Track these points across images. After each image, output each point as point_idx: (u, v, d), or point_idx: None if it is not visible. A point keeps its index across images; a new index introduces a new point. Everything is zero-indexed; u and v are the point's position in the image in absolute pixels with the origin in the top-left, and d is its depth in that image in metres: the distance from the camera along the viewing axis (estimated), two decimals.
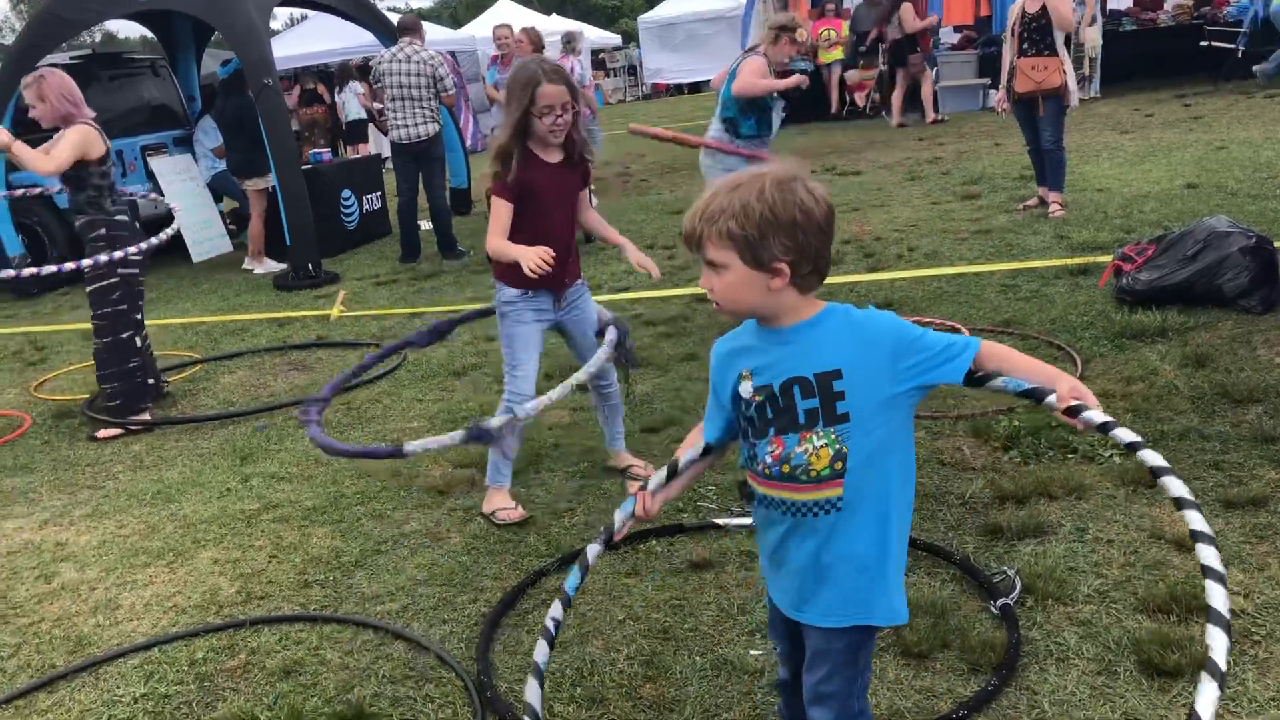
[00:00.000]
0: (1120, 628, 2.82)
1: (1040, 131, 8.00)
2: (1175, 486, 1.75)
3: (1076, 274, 6.28)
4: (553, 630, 2.13)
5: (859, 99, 17.60)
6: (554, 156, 3.82)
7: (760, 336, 1.99)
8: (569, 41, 12.93)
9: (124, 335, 5.69)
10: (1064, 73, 7.78)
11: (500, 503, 4.01)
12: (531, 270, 3.47)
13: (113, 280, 5.61)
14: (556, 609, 2.14)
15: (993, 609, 2.92)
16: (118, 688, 3.16)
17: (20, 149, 5.23)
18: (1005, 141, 12.09)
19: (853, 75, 17.50)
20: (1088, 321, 5.39)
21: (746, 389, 1.98)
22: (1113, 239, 6.87)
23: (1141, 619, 2.86)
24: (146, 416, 5.71)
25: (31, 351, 7.93)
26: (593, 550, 2.17)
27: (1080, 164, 9.80)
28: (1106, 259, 6.05)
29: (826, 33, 17.03)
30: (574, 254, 3.98)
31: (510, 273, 3.77)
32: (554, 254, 3.53)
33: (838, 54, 17.12)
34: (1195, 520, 1.71)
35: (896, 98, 15.54)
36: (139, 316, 5.78)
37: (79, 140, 5.37)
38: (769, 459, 1.97)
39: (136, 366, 5.72)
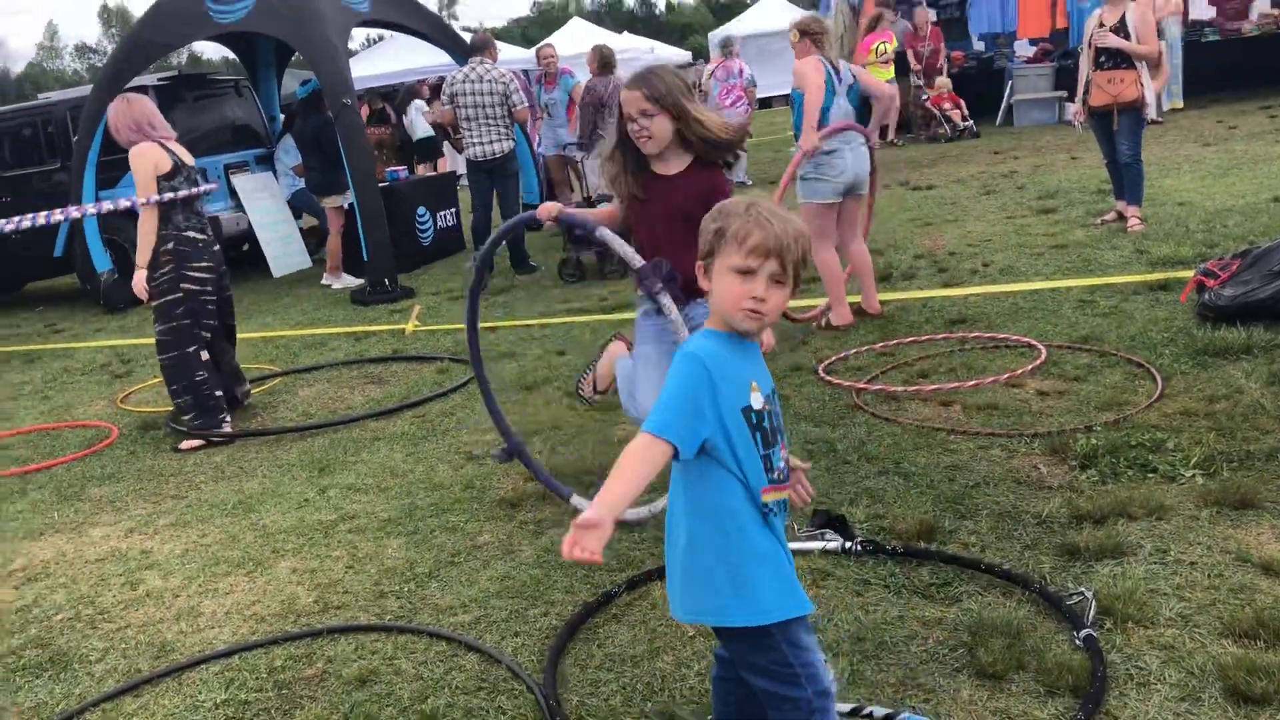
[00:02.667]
0: (1204, 653, 2.76)
1: (1117, 145, 7.86)
2: None
3: (1156, 289, 6.15)
4: None
5: (955, 115, 15.98)
6: (668, 168, 3.66)
7: (739, 349, 2.13)
8: (726, 45, 13.38)
9: (189, 350, 5.81)
10: (1140, 85, 7.64)
11: None
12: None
13: (176, 295, 5.77)
14: None
15: (1076, 640, 2.85)
16: (199, 693, 3.24)
17: (141, 238, 5.67)
18: (1082, 155, 11.89)
19: (944, 83, 16.19)
20: (1168, 338, 5.27)
21: (758, 399, 2.10)
22: (1194, 254, 6.71)
23: (1227, 644, 2.78)
24: (227, 429, 5.85)
25: (118, 364, 8.17)
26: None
27: (1160, 177, 9.61)
28: (1188, 274, 5.92)
29: (880, 46, 15.02)
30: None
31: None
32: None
33: (890, 73, 14.93)
34: None
35: None
36: (206, 332, 5.89)
37: (140, 164, 5.62)
38: (783, 464, 2.15)
39: (204, 380, 5.83)
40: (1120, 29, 7.65)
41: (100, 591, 4.06)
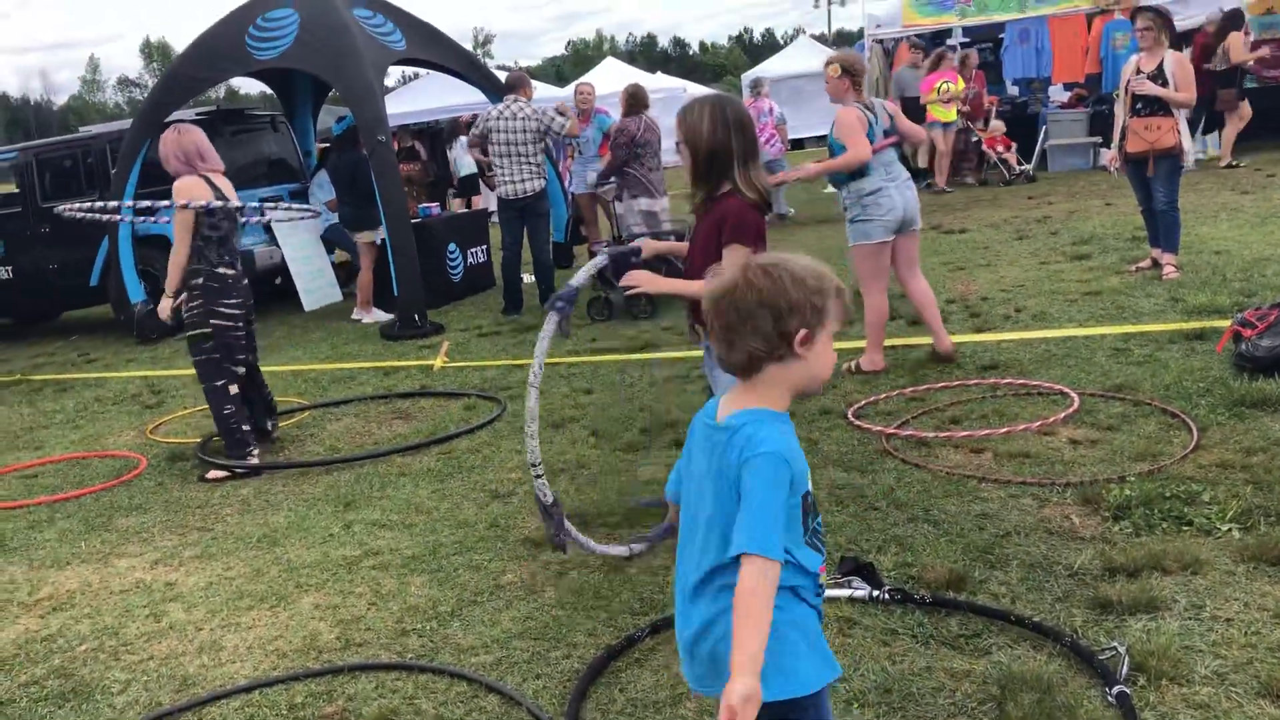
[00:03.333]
0: (1241, 713, 2.69)
1: (1153, 192, 7.81)
2: None
3: (1192, 339, 6.07)
4: None
5: (1011, 158, 15.37)
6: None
7: (792, 430, 2.05)
8: (755, 86, 13.64)
9: (218, 383, 5.89)
10: (1178, 133, 7.60)
11: None
12: None
13: (205, 330, 5.83)
14: None
15: (1108, 697, 2.79)
16: None
17: (175, 262, 5.77)
18: (1117, 201, 11.82)
19: (998, 126, 15.69)
20: (1204, 388, 5.20)
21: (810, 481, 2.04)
22: (1231, 303, 6.64)
23: (1264, 705, 2.71)
24: (254, 460, 5.87)
25: (149, 395, 8.24)
26: None
27: (1197, 225, 9.53)
28: (1224, 323, 5.85)
29: (944, 86, 14.61)
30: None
31: None
32: None
33: (952, 114, 14.73)
34: None
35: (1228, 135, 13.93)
36: (236, 367, 5.94)
37: (184, 197, 5.69)
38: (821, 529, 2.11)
39: (231, 414, 5.89)
40: (1158, 76, 7.61)
41: (124, 623, 4.06)
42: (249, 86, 55.41)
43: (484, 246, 11.94)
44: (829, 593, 3.51)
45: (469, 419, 6.42)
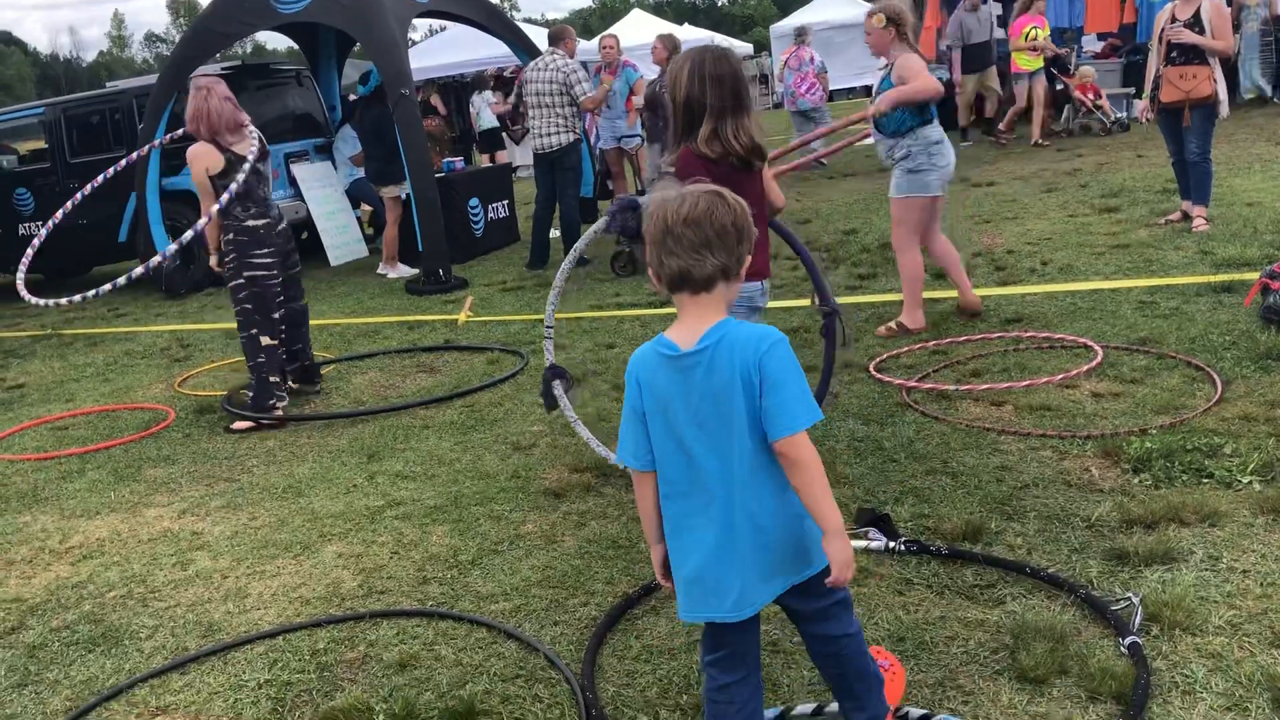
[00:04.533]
0: (1254, 662, 2.69)
1: (1186, 143, 7.68)
2: None
3: (1220, 291, 6.01)
4: None
5: (1105, 105, 14.21)
6: None
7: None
8: (800, 34, 13.51)
9: (252, 333, 5.99)
10: (1214, 81, 7.45)
11: None
12: None
13: (239, 282, 5.95)
14: None
15: (1121, 647, 2.80)
16: (244, 673, 3.29)
17: (207, 232, 5.95)
18: (1148, 153, 11.65)
19: (1088, 72, 14.52)
20: (1230, 341, 5.15)
21: None
22: (1261, 255, 6.55)
23: (1277, 655, 2.71)
24: (279, 413, 5.94)
25: (177, 349, 8.33)
26: None
27: (1229, 177, 9.38)
28: (1253, 276, 5.77)
29: (1031, 31, 13.44)
30: None
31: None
32: None
33: (1039, 62, 13.66)
34: None
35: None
36: (268, 317, 6.01)
37: (194, 169, 5.84)
38: None
39: (262, 364, 5.99)
40: (1194, 23, 7.45)
41: (152, 571, 4.14)
42: (275, 41, 55.31)
43: (506, 201, 11.93)
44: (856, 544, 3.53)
45: (492, 373, 6.45)
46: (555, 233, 10.30)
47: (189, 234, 5.74)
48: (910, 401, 4.93)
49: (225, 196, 5.70)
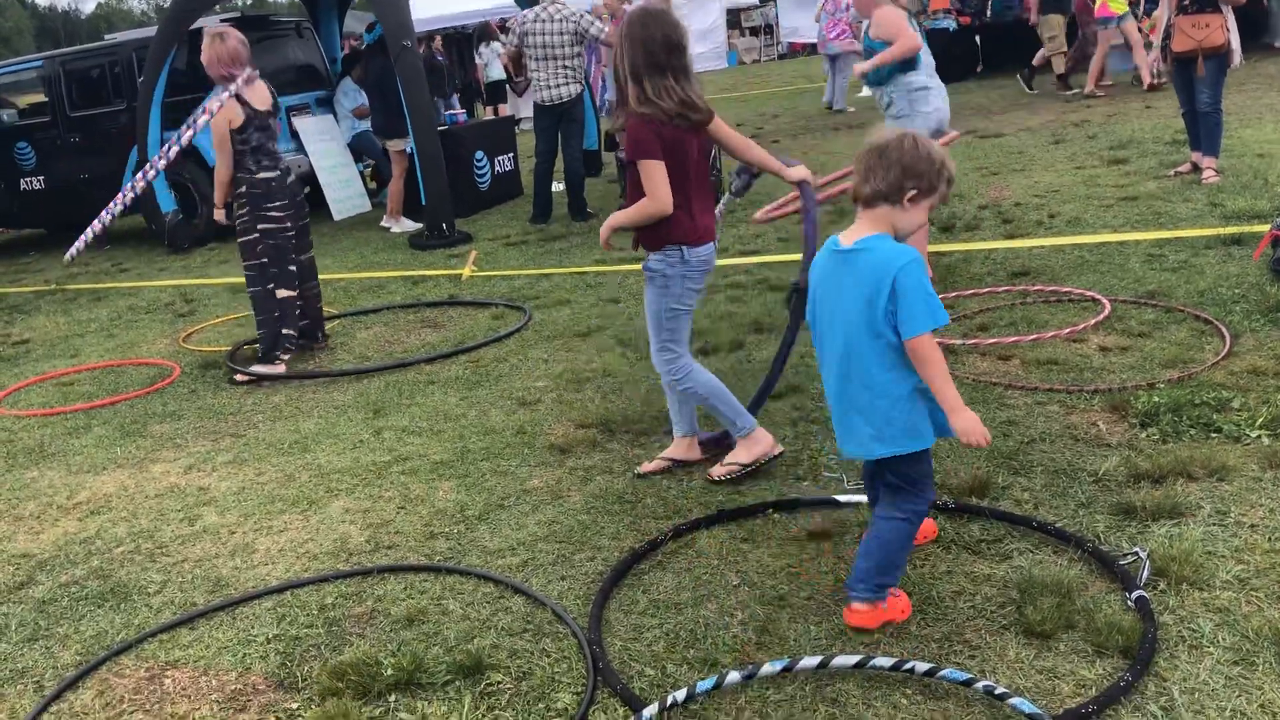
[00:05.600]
0: (1261, 617, 2.69)
1: (1197, 93, 7.57)
2: None
3: (1229, 244, 5.96)
4: None
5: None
6: None
7: None
8: None
9: (266, 286, 6.01)
10: (1227, 30, 7.34)
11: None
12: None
13: (253, 236, 5.95)
14: None
15: (1128, 602, 2.80)
16: (252, 628, 3.31)
17: (219, 179, 5.97)
18: (1157, 104, 11.53)
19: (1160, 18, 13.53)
20: (1239, 295, 5.11)
21: None
22: (1272, 208, 6.49)
23: None
24: (282, 368, 5.95)
25: (181, 304, 8.31)
26: None
27: (1239, 128, 9.28)
28: (1263, 229, 5.73)
29: None
30: None
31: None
32: None
33: (1124, 5, 12.70)
34: None
35: None
36: (283, 269, 6.02)
37: (216, 125, 5.79)
38: None
39: (280, 317, 6.01)
40: None
41: (159, 526, 4.15)
42: None
43: (511, 154, 11.83)
44: (853, 499, 3.54)
45: (496, 328, 6.43)
46: (558, 186, 10.23)
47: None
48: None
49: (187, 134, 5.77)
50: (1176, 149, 8.79)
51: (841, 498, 3.63)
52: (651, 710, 2.55)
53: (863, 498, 3.53)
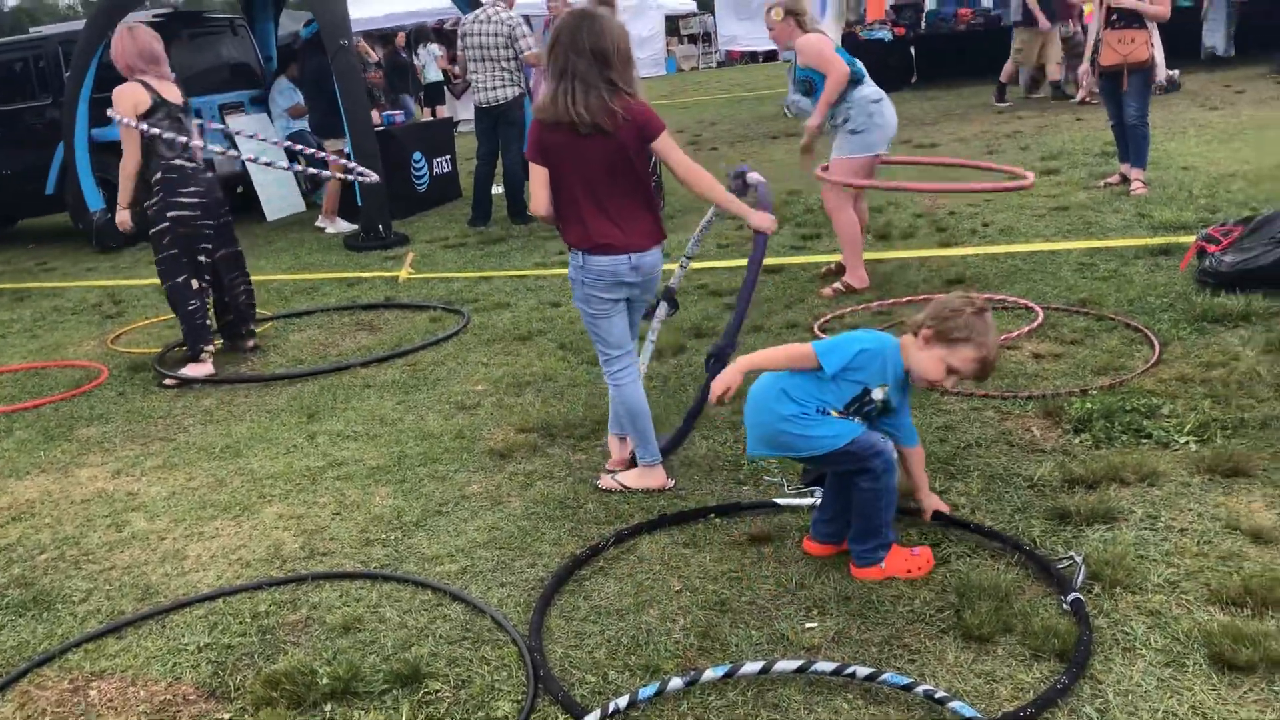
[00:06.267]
0: (1191, 619, 2.74)
1: (1125, 106, 7.76)
2: None
3: (1157, 254, 6.10)
4: None
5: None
6: None
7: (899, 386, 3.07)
8: None
9: (180, 279, 5.89)
10: (1151, 46, 7.54)
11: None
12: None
13: (164, 225, 5.83)
14: None
15: (1064, 604, 2.84)
16: (183, 636, 3.22)
17: (124, 172, 5.83)
18: (1087, 116, 11.78)
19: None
20: (1167, 303, 5.23)
21: (879, 394, 3.04)
22: (1197, 219, 6.66)
23: (1214, 611, 2.77)
24: (209, 367, 5.88)
25: (109, 305, 8.12)
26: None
27: (1165, 140, 9.51)
28: (1189, 239, 5.87)
29: None
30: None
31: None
32: None
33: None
34: None
35: None
36: (194, 260, 5.91)
37: (120, 104, 5.65)
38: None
39: (196, 309, 5.92)
40: None
41: (85, 532, 4.04)
42: None
43: (449, 156, 11.75)
44: (792, 501, 3.56)
45: (434, 331, 6.37)
46: (498, 189, 10.17)
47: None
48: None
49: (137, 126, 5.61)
50: (1106, 160, 8.99)
51: (782, 501, 3.64)
52: (593, 718, 2.53)
53: (803, 501, 3.56)
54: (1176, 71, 13.11)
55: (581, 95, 3.51)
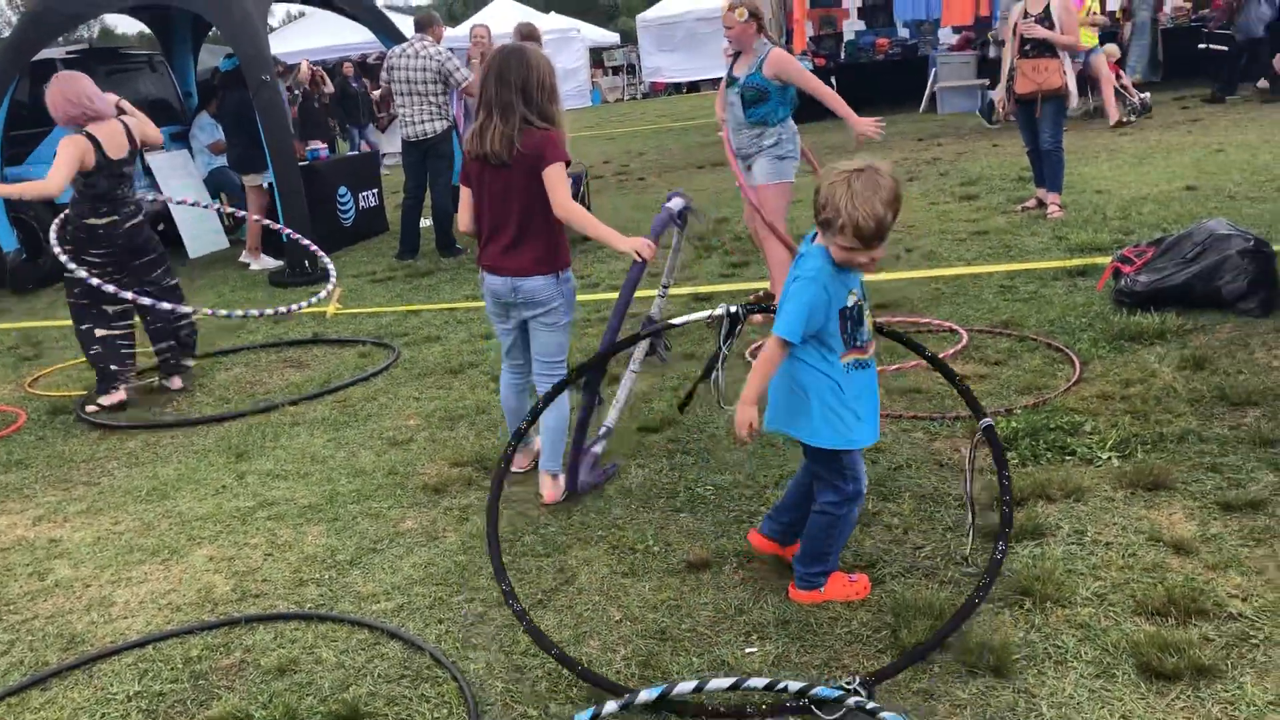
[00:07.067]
0: (1119, 630, 2.81)
1: (1039, 132, 8.00)
2: None
3: (1075, 275, 6.27)
4: None
5: (1130, 85, 13.17)
6: None
7: (843, 273, 2.98)
8: None
9: (83, 326, 5.96)
10: (1064, 74, 7.78)
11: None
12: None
13: (76, 275, 5.75)
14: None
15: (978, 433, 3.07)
16: (111, 685, 3.14)
17: (18, 188, 5.75)
18: (1003, 142, 12.08)
19: (1112, 50, 12.94)
20: (1086, 323, 5.38)
21: (851, 299, 3.02)
22: (1111, 241, 6.86)
23: (1140, 621, 2.85)
24: (121, 395, 5.95)
25: (26, 347, 7.90)
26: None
27: (1079, 165, 9.80)
28: (1105, 261, 6.05)
29: (1092, 3, 12.63)
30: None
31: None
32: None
33: (1095, 39, 12.55)
34: None
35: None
36: (101, 310, 5.91)
37: (67, 150, 5.54)
38: (867, 337, 3.07)
39: (98, 354, 5.97)
40: (1045, 18, 7.77)
41: (5, 582, 3.92)
42: (125, 25, 52.79)
43: (375, 190, 11.68)
44: (691, 318, 3.65)
45: (364, 366, 6.31)
46: (426, 222, 10.13)
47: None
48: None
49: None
50: (1023, 185, 9.23)
51: (679, 321, 3.85)
52: None
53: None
54: (1148, 95, 13.34)
55: (497, 128, 3.75)
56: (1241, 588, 2.94)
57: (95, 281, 5.58)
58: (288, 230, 7.91)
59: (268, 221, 8.38)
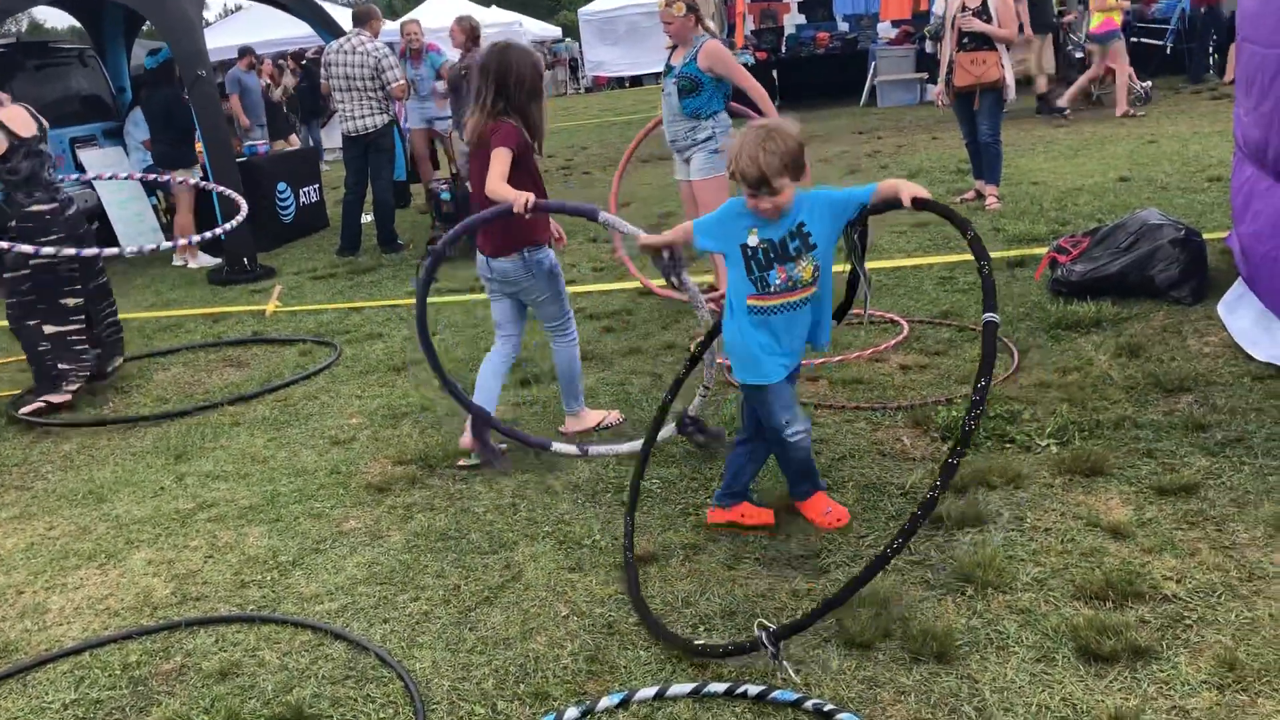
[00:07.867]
0: (1058, 615, 2.86)
1: (978, 125, 8.09)
2: None
3: (1013, 266, 6.36)
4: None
5: (1133, 75, 12.72)
6: None
7: (750, 217, 3.27)
8: None
9: (30, 323, 5.76)
10: (1002, 66, 7.88)
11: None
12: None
13: (24, 272, 5.67)
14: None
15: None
16: (46, 694, 3.07)
17: None
18: (942, 135, 12.22)
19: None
20: (1024, 313, 5.46)
21: (754, 239, 3.24)
22: (1048, 231, 6.97)
23: (1079, 606, 2.89)
24: (65, 397, 5.74)
25: None
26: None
27: (1016, 157, 9.94)
28: (1042, 251, 6.14)
29: None
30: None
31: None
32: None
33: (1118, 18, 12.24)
34: None
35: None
36: (53, 305, 5.75)
37: None
38: (780, 281, 3.25)
39: (46, 351, 5.75)
40: (983, 11, 7.87)
41: None
42: (55, 19, 51.57)
43: (316, 185, 11.53)
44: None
45: (305, 365, 6.23)
46: (367, 218, 10.03)
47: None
48: (731, 380, 5.01)
49: None
50: (961, 177, 9.34)
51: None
52: None
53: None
54: (1150, 83, 13.14)
55: (474, 117, 4.17)
56: (1176, 570, 3.00)
57: (70, 251, 5.47)
58: (217, 187, 8.01)
59: (197, 181, 8.30)
